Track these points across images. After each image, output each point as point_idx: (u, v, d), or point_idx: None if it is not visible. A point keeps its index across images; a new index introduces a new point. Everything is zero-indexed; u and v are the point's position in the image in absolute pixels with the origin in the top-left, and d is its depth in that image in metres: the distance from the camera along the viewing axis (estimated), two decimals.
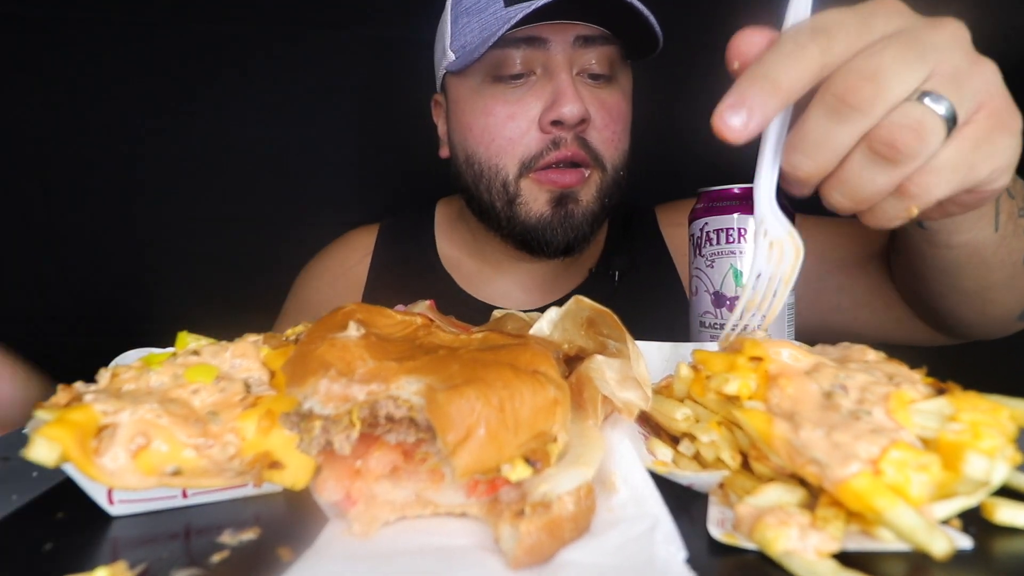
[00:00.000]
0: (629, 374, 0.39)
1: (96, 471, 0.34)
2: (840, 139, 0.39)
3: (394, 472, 0.35)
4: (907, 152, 0.38)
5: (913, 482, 0.31)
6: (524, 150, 0.85)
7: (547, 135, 0.84)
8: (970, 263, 0.64)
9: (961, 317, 0.75)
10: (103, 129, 1.29)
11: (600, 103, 0.86)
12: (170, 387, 0.38)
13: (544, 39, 0.83)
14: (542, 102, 0.84)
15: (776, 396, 0.36)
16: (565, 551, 0.32)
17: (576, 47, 0.84)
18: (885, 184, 0.40)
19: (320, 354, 0.34)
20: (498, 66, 0.84)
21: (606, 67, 0.87)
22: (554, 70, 0.83)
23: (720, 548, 0.32)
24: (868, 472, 0.31)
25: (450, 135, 0.95)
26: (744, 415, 0.36)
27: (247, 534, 0.35)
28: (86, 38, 1.27)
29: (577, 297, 0.44)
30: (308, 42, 1.34)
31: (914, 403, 0.34)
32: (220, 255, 1.32)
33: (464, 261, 1.04)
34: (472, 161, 0.89)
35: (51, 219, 1.30)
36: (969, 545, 0.31)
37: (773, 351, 0.38)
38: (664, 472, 0.38)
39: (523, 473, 0.32)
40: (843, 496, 0.31)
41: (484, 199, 0.90)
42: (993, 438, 0.32)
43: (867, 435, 0.32)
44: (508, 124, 0.85)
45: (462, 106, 0.90)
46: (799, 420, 0.34)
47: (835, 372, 0.37)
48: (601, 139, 0.86)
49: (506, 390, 0.32)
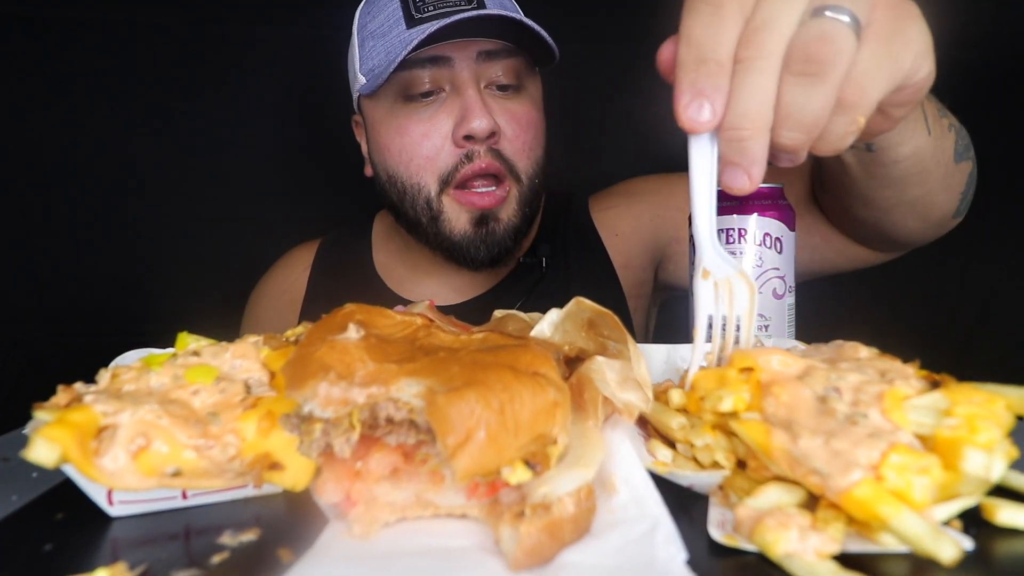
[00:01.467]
0: (630, 375, 0.39)
1: (96, 472, 0.34)
2: (765, 87, 0.40)
3: (394, 474, 0.35)
4: (826, 60, 0.39)
5: (915, 486, 0.31)
6: (441, 166, 0.89)
7: (461, 149, 0.87)
8: (914, 172, 0.67)
9: (904, 227, 0.77)
10: (102, 129, 1.29)
11: (510, 115, 0.89)
12: (170, 388, 0.38)
13: (448, 57, 0.86)
14: (453, 118, 0.87)
15: (771, 405, 0.36)
16: (565, 552, 0.32)
17: (480, 62, 0.87)
18: (822, 101, 0.40)
19: (320, 356, 0.34)
20: (407, 86, 0.87)
21: (512, 78, 0.90)
22: (460, 86, 0.87)
23: (720, 550, 0.32)
24: (870, 479, 0.31)
25: (371, 154, 0.99)
26: (742, 427, 0.36)
27: (247, 535, 0.35)
28: (86, 38, 1.27)
29: (577, 299, 0.44)
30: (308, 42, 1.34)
31: (908, 399, 0.34)
32: (220, 255, 1.32)
33: (397, 267, 1.08)
34: (394, 180, 0.93)
35: (50, 219, 1.30)
36: (971, 546, 0.31)
37: (763, 360, 0.38)
38: (664, 472, 0.38)
39: (523, 476, 0.32)
40: (847, 505, 0.31)
41: (410, 215, 0.93)
42: (989, 431, 0.32)
43: (865, 440, 0.32)
44: (423, 142, 0.88)
45: (378, 127, 0.93)
46: (796, 429, 0.34)
47: (827, 375, 0.36)
48: (513, 150, 0.90)
49: (506, 392, 0.32)
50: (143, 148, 1.31)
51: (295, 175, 1.38)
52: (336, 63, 1.35)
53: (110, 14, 1.27)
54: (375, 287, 1.06)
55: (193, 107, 1.32)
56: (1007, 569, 0.30)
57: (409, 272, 1.06)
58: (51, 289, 1.31)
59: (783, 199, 0.63)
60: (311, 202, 1.37)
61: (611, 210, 1.08)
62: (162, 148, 1.32)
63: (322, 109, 1.36)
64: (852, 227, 0.85)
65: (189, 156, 1.33)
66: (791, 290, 0.63)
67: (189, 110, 1.32)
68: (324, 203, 1.37)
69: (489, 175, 0.88)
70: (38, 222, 1.30)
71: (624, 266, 1.05)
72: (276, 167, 1.36)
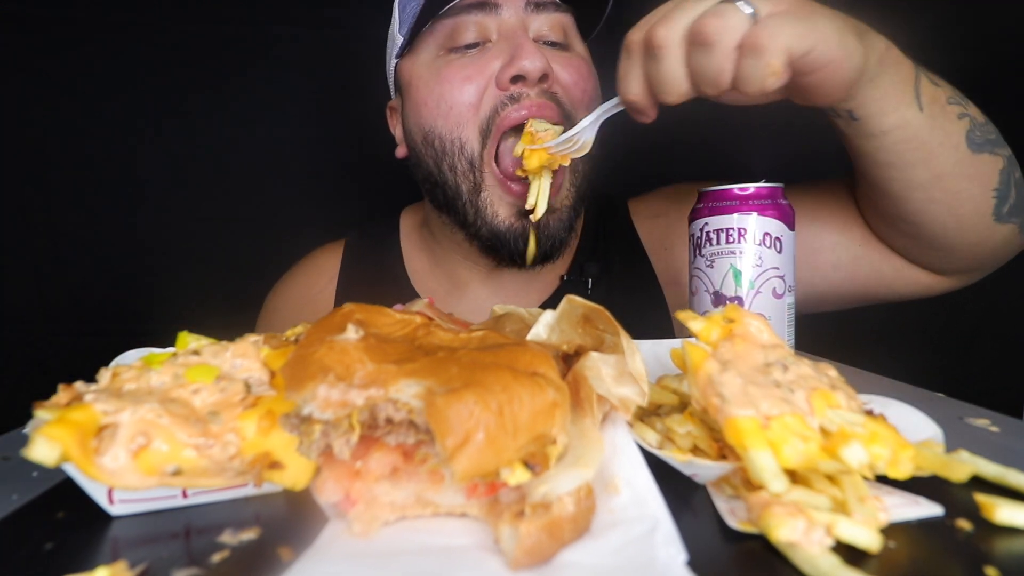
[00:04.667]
0: (625, 370, 0.39)
1: (96, 471, 0.34)
2: (676, 71, 0.58)
3: (394, 473, 0.35)
4: (714, 31, 0.55)
5: (789, 444, 0.34)
6: (483, 114, 0.80)
7: (505, 91, 0.79)
8: (911, 149, 0.68)
9: (936, 223, 0.74)
10: (103, 129, 1.29)
11: (565, 61, 0.83)
12: (171, 387, 0.38)
13: (495, 3, 0.81)
14: (500, 60, 0.80)
15: (725, 347, 0.40)
16: (565, 552, 0.32)
17: (528, 12, 0.82)
18: (718, 58, 0.55)
19: (319, 358, 0.34)
20: (451, 36, 0.81)
21: (560, 34, 0.85)
22: (509, 32, 0.81)
23: (721, 548, 0.33)
24: (758, 420, 0.35)
25: (406, 127, 0.91)
26: (687, 346, 0.40)
27: (247, 534, 0.35)
28: (86, 38, 1.27)
29: (569, 297, 0.44)
30: (308, 42, 1.34)
31: (835, 406, 0.36)
32: (221, 255, 1.33)
33: (433, 279, 1.00)
34: (431, 138, 0.84)
35: (51, 219, 1.30)
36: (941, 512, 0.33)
37: (747, 319, 0.41)
38: (682, 460, 0.38)
39: (522, 477, 0.32)
40: (726, 429, 0.35)
41: (449, 182, 0.84)
42: (885, 449, 0.34)
43: (776, 400, 0.36)
44: (465, 87, 0.80)
45: (416, 83, 0.85)
46: (730, 368, 0.38)
47: (785, 355, 0.39)
48: (571, 97, 0.82)
49: (505, 394, 0.32)
50: (143, 148, 1.32)
51: (296, 175, 1.38)
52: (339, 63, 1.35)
53: (112, 14, 1.27)
54: (409, 298, 0.99)
55: (194, 107, 1.32)
56: (1007, 568, 0.30)
57: (447, 285, 0.99)
58: (51, 289, 1.31)
59: (783, 199, 0.63)
60: (312, 202, 1.37)
61: (659, 219, 1.00)
62: (162, 148, 1.32)
63: (325, 109, 1.37)
64: (890, 232, 0.81)
65: (189, 156, 1.33)
66: (791, 290, 0.63)
67: (190, 110, 1.32)
68: (325, 203, 1.37)
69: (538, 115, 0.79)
70: (38, 222, 1.30)
71: (672, 283, 0.96)
72: (277, 167, 1.36)
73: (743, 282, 0.61)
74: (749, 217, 0.61)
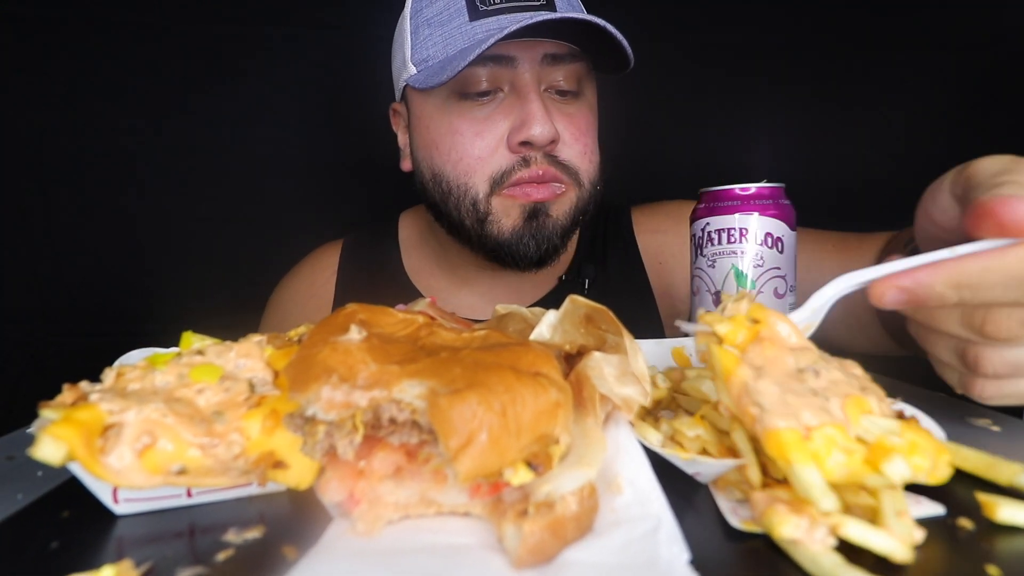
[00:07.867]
0: (627, 369, 0.39)
1: (102, 470, 0.34)
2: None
3: (397, 472, 0.35)
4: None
5: (833, 458, 0.33)
6: (494, 168, 0.84)
7: (516, 154, 0.83)
8: None
9: None
10: (103, 129, 1.29)
11: (568, 119, 0.85)
12: (175, 387, 0.38)
13: (512, 57, 0.81)
14: (510, 121, 0.83)
15: (754, 352, 0.38)
16: (568, 551, 0.32)
17: (544, 65, 0.83)
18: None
19: (323, 359, 0.34)
20: (464, 84, 0.82)
21: (574, 84, 0.86)
22: (522, 89, 0.82)
23: (724, 547, 0.33)
24: (799, 432, 0.33)
25: (413, 149, 0.94)
26: (717, 351, 0.38)
27: (252, 533, 0.35)
28: (86, 38, 1.27)
29: (572, 297, 0.44)
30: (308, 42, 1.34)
31: (869, 412, 0.36)
32: (222, 255, 1.33)
33: (431, 275, 1.03)
34: (440, 180, 0.88)
35: (51, 219, 1.30)
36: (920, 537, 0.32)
37: (773, 319, 0.40)
38: (685, 459, 0.38)
39: (525, 477, 0.33)
40: (767, 441, 0.34)
41: (453, 216, 0.88)
42: (925, 460, 0.33)
43: (815, 409, 0.34)
44: (476, 142, 0.84)
45: (426, 123, 0.88)
46: (763, 375, 0.36)
47: (815, 359, 0.38)
48: (573, 154, 0.86)
49: (508, 394, 0.32)
50: (144, 148, 1.31)
51: (296, 175, 1.38)
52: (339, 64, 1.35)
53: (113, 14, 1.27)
54: (407, 294, 1.01)
55: (193, 107, 1.32)
56: (1008, 567, 0.30)
57: (445, 280, 1.02)
58: (53, 289, 1.31)
59: (784, 199, 0.63)
60: (313, 202, 1.37)
61: (658, 235, 1.03)
62: (163, 148, 1.32)
63: (326, 110, 1.37)
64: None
65: (190, 155, 1.33)
66: (792, 290, 0.63)
67: (191, 110, 1.32)
68: (326, 203, 1.37)
69: (544, 182, 0.84)
70: (38, 222, 1.30)
71: (664, 294, 1.00)
72: (277, 167, 1.36)
73: (745, 282, 0.62)
74: (750, 217, 0.61)
